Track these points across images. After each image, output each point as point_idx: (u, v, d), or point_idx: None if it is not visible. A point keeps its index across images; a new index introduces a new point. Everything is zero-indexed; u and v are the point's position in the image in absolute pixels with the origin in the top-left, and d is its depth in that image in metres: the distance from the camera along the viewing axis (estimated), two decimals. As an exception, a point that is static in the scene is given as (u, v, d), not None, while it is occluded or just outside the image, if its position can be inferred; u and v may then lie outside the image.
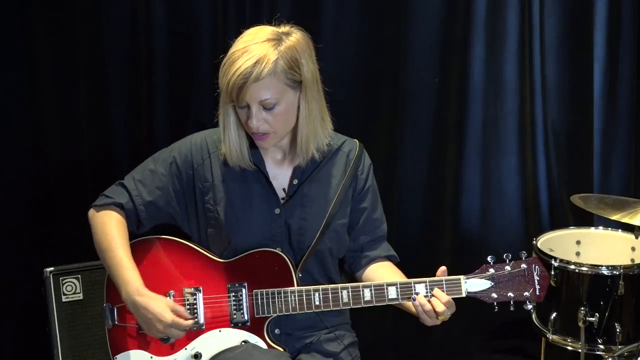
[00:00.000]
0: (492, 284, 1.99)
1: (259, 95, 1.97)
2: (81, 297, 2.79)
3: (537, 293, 1.99)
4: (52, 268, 2.76)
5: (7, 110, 3.17)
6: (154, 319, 1.98)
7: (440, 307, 1.96)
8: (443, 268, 2.01)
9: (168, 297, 2.09)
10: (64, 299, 2.77)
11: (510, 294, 1.99)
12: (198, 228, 2.18)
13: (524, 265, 1.99)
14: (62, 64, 3.20)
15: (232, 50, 1.99)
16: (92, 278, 2.80)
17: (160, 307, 1.99)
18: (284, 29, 2.04)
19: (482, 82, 3.44)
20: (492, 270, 2.00)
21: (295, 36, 2.02)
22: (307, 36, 2.06)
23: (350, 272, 2.26)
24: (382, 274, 2.18)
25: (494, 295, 1.99)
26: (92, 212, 2.19)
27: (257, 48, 1.96)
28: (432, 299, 1.97)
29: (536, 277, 1.99)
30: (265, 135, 2.04)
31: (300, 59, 2.00)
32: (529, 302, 2.00)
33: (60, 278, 2.76)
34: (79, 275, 2.79)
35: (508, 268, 2.00)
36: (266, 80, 1.95)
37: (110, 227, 2.11)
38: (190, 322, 2.02)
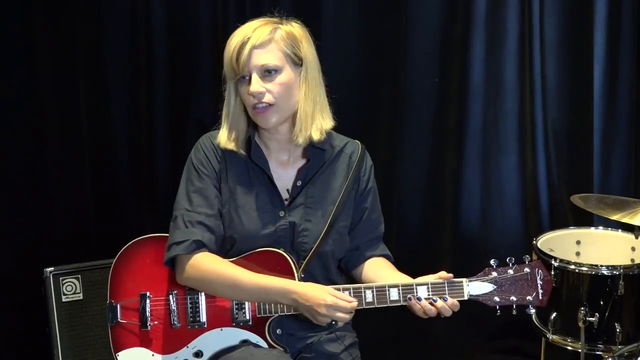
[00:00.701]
0: (495, 287, 2.00)
1: (259, 59, 2.02)
2: (81, 297, 2.80)
3: (540, 297, 1.99)
4: (52, 268, 2.76)
5: (7, 110, 3.16)
6: (314, 305, 1.96)
7: (447, 313, 1.98)
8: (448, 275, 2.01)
9: (170, 296, 2.09)
10: (64, 299, 2.77)
11: (513, 298, 1.99)
12: None
13: (527, 269, 2.00)
14: (62, 64, 3.20)
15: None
16: (92, 278, 2.81)
17: (317, 291, 1.98)
18: (282, 20, 2.11)
19: (482, 82, 3.43)
20: (494, 274, 2.00)
21: (294, 24, 2.11)
22: (305, 27, 2.12)
23: (346, 269, 2.27)
24: (379, 271, 2.19)
25: (497, 298, 2.00)
26: (182, 276, 2.07)
27: (254, 23, 2.06)
28: (439, 303, 1.97)
29: (539, 282, 1.99)
30: (268, 108, 2.05)
31: (299, 39, 2.07)
32: (532, 306, 2.00)
33: (60, 278, 2.77)
34: (79, 275, 2.80)
35: (511, 272, 2.00)
36: (265, 45, 2.02)
37: (216, 268, 2.05)
38: (353, 303, 1.98)
